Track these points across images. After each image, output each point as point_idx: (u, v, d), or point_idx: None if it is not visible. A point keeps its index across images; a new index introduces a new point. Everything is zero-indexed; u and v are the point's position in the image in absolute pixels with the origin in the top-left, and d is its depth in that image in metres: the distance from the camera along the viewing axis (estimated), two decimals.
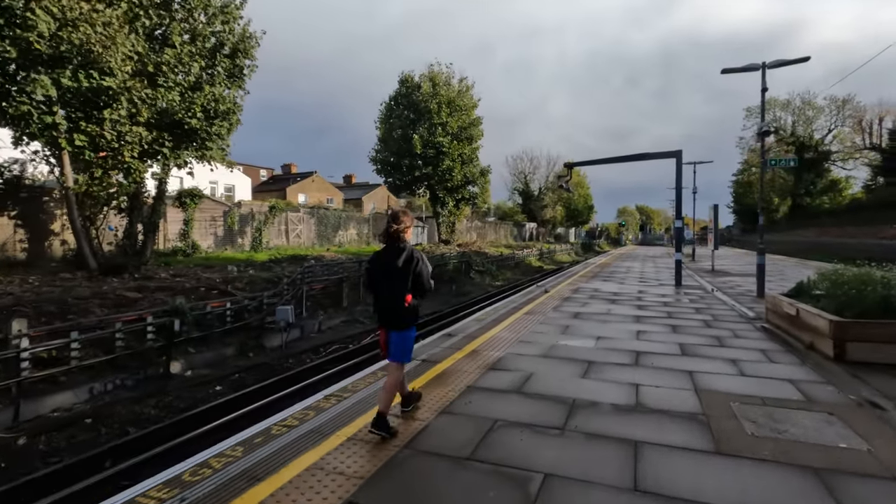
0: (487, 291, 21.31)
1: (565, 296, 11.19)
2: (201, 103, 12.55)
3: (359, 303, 14.88)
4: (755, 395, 4.32)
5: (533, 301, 10.33)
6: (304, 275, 12.59)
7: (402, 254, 3.50)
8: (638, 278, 15.86)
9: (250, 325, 10.58)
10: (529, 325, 7.58)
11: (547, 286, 12.83)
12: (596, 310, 9.17)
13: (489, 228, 49.69)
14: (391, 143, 29.87)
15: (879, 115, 46.17)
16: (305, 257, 17.77)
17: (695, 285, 13.67)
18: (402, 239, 3.56)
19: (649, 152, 13.53)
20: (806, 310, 6.13)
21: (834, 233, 45.08)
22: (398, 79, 30.41)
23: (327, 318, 13.09)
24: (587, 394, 4.36)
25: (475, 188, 32.96)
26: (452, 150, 29.34)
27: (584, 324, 7.76)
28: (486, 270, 25.83)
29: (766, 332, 7.16)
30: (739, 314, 8.75)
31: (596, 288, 12.89)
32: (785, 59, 10.46)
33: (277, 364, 9.64)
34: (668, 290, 12.56)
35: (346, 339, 11.99)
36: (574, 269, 20.25)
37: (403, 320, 3.54)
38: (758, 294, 10.94)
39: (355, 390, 4.54)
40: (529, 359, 5.61)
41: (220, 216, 20.25)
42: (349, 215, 28.52)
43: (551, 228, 70.07)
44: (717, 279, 15.45)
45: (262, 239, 20.70)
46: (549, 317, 8.36)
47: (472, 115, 31.26)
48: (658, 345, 6.30)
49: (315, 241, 25.27)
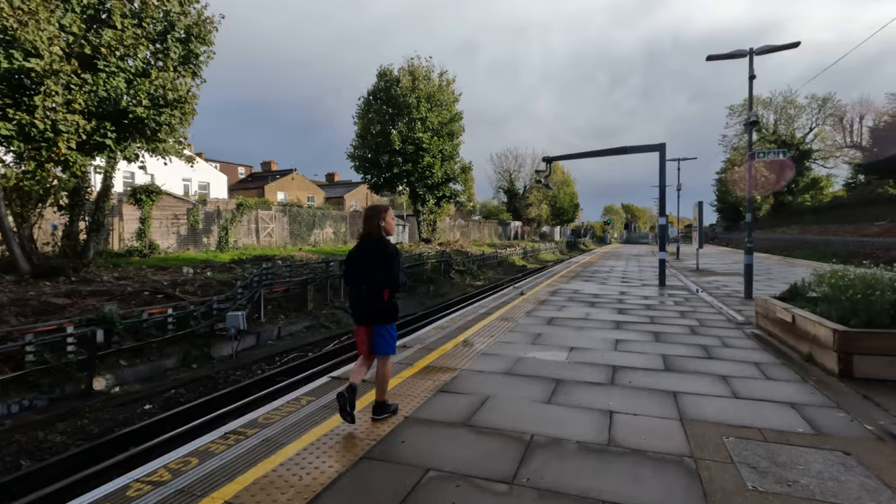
0: (466, 292, 20.49)
1: (542, 298, 10.41)
2: (147, 90, 11.50)
3: (325, 306, 13.94)
4: (752, 425, 3.55)
5: (506, 305, 9.52)
6: (261, 277, 11.62)
7: (378, 248, 3.51)
8: (620, 278, 15.18)
9: (197, 333, 9.60)
10: (497, 334, 6.77)
11: (523, 288, 12.05)
12: (573, 314, 8.40)
13: (473, 227, 48.94)
14: (369, 139, 28.88)
15: (860, 113, 46.47)
16: (272, 257, 16.76)
17: (679, 286, 13.02)
18: (380, 233, 3.56)
19: (631, 146, 12.84)
20: (804, 316, 5.41)
21: (816, 230, 45.22)
22: (376, 72, 29.43)
23: (288, 323, 12.13)
24: (550, 426, 3.55)
25: (457, 185, 32.13)
26: (433, 147, 28.46)
27: (559, 331, 6.97)
28: (466, 270, 25.03)
29: (758, 339, 6.43)
30: (727, 318, 8.05)
31: (576, 289, 12.15)
32: (773, 45, 9.80)
33: (223, 376, 8.69)
34: (652, 290, 11.86)
35: (307, 346, 11.06)
36: (556, 269, 19.55)
37: (383, 315, 3.53)
38: (745, 295, 10.28)
39: (266, 423, 3.66)
40: (489, 377, 4.78)
41: (184, 214, 19.12)
42: (325, 213, 27.48)
43: (536, 227, 69.62)
44: (702, 279, 14.84)
45: (229, 238, 19.61)
46: (520, 323, 7.55)
47: (452, 111, 30.41)
48: (638, 357, 5.52)
49: (288, 241, 24.22)
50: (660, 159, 12.40)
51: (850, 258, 30.33)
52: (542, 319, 7.90)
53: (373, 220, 3.56)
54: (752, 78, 9.92)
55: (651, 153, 12.77)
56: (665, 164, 12.37)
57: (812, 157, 58.89)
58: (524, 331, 7.01)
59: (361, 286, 3.50)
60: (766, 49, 9.79)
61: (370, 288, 3.47)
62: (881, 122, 41.37)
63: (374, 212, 3.60)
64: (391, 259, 3.49)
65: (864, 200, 43.47)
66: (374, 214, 3.58)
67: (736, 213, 78.66)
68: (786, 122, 60.62)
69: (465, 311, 8.78)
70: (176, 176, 38.47)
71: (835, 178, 57.20)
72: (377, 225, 3.56)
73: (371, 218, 3.58)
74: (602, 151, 13.25)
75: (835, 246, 35.07)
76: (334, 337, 11.94)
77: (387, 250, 3.51)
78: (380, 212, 3.60)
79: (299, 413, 3.86)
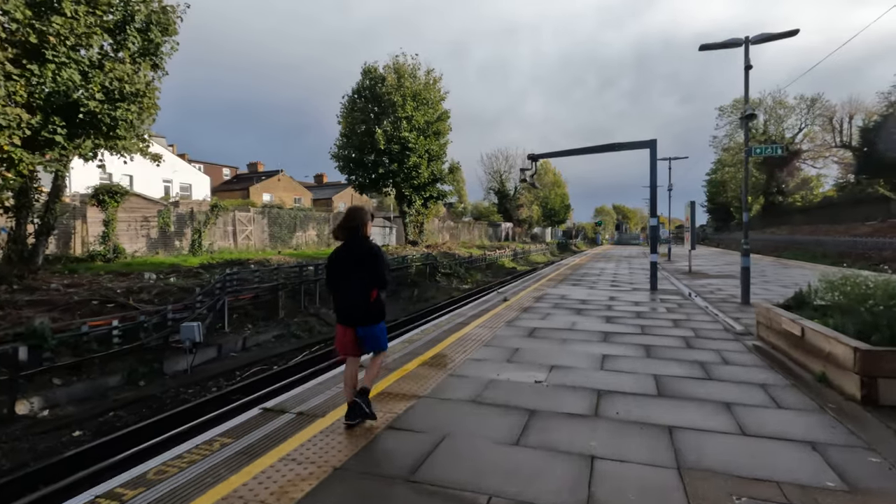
0: (452, 296, 19.75)
1: (525, 305, 9.68)
2: (101, 83, 10.63)
3: (298, 313, 13.12)
4: (768, 477, 2.82)
5: (486, 313, 8.78)
6: (224, 283, 10.78)
7: (361, 249, 3.50)
8: (610, 282, 14.51)
9: (147, 347, 8.76)
10: (471, 349, 6.02)
11: (507, 294, 11.31)
12: (557, 324, 7.67)
13: (463, 229, 48.22)
14: (354, 138, 28.04)
15: (849, 112, 46.36)
16: (246, 262, 15.91)
17: (672, 289, 12.36)
18: (362, 235, 3.55)
19: (621, 142, 12.17)
20: (816, 330, 4.71)
21: (806, 230, 45.06)
22: (361, 70, 28.62)
23: (255, 332, 11.30)
24: (514, 480, 2.80)
25: (445, 186, 31.37)
26: (419, 146, 27.68)
27: (539, 346, 6.23)
28: (453, 273, 24.28)
29: (761, 354, 5.74)
30: (725, 327, 7.37)
31: (563, 294, 11.44)
32: (770, 34, 9.17)
33: (172, 395, 7.86)
34: (643, 296, 11.18)
35: (274, 358, 10.25)
36: (544, 272, 18.86)
37: (371, 316, 3.50)
38: (742, 301, 9.63)
39: (158, 479, 2.87)
40: (452, 408, 4.03)
41: (154, 216, 18.20)
42: (307, 215, 26.60)
43: (528, 228, 69.10)
44: (694, 282, 14.21)
45: (202, 241, 18.70)
46: (498, 336, 6.81)
47: (439, 109, 29.67)
48: (628, 378, 4.80)
49: (268, 244, 23.32)
50: (650, 156, 11.75)
51: (841, 258, 30.02)
52: (522, 331, 7.16)
53: (355, 221, 3.55)
54: (748, 68, 9.28)
55: (641, 151, 12.12)
56: (656, 161, 11.72)
57: (802, 157, 58.87)
58: (501, 345, 6.26)
59: (347, 288, 3.49)
60: (763, 38, 9.16)
61: (356, 289, 3.46)
62: (871, 121, 41.21)
63: (357, 213, 3.59)
64: (376, 259, 3.49)
65: (854, 200, 43.38)
66: (357, 216, 3.57)
67: (726, 213, 78.80)
68: (775, 122, 60.57)
69: (441, 321, 8.02)
70: (156, 177, 37.51)
71: (825, 178, 57.22)
72: (360, 226, 3.54)
73: (353, 219, 3.56)
74: (591, 149, 12.58)
75: (826, 246, 34.79)
76: (305, 347, 11.14)
77: (371, 251, 3.51)
78: (362, 213, 3.60)
79: (205, 462, 3.08)
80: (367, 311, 3.48)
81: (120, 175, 35.06)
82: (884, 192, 39.57)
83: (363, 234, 3.57)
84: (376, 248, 3.57)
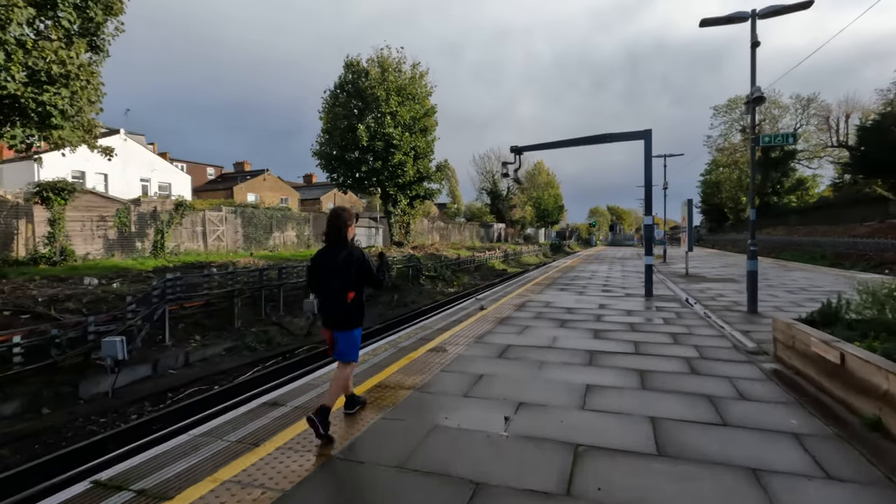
0: (435, 300, 18.55)
1: (504, 315, 8.50)
2: (22, 62, 9.36)
3: (258, 322, 11.88)
4: None
5: (458, 325, 7.60)
6: (164, 290, 9.52)
7: (342, 251, 3.47)
8: (602, 286, 13.37)
9: (60, 366, 7.49)
10: (423, 377, 4.83)
11: (486, 301, 10.12)
12: (536, 340, 6.49)
13: (453, 229, 47.03)
14: (336, 134, 26.79)
15: (846, 112, 45.63)
16: (209, 264, 14.65)
17: (668, 295, 11.22)
18: (343, 236, 3.52)
19: (614, 133, 11.02)
20: (864, 359, 3.56)
21: (803, 231, 44.25)
22: (344, 63, 27.38)
23: (202, 345, 10.06)
24: None
25: (433, 184, 30.13)
26: (404, 143, 26.46)
27: (510, 371, 5.05)
28: (438, 276, 23.08)
29: (783, 382, 4.59)
30: (733, 344, 6.21)
31: (548, 301, 10.27)
32: (780, 5, 8.07)
33: (78, 426, 6.61)
34: (637, 303, 10.04)
35: (219, 375, 9.02)
36: (532, 275, 17.70)
37: (347, 319, 3.46)
38: (749, 309, 8.50)
39: None
40: (367, 475, 2.84)
41: (113, 216, 16.88)
42: (286, 214, 25.29)
43: (520, 229, 68.06)
44: (692, 286, 13.09)
45: (165, 243, 17.39)
46: (462, 357, 5.62)
47: (426, 105, 28.48)
48: (616, 423, 3.63)
49: (242, 245, 22.02)
50: (645, 148, 10.63)
51: (840, 259, 29.11)
52: (493, 349, 5.98)
53: (337, 222, 3.52)
54: (755, 45, 8.16)
55: (637, 151, 10.99)
56: (651, 154, 10.59)
57: (797, 157, 58.17)
58: (463, 370, 5.07)
59: (325, 290, 3.48)
60: (772, 10, 8.04)
61: (334, 291, 3.44)
62: (868, 120, 40.40)
63: (339, 214, 3.55)
64: (356, 262, 3.44)
65: (851, 200, 42.61)
66: (340, 218, 3.53)
67: (721, 214, 78.17)
68: (770, 122, 59.88)
69: (400, 336, 6.83)
70: (133, 176, 36.17)
71: (820, 178, 56.58)
72: (343, 228, 3.52)
73: (336, 220, 3.52)
74: (580, 140, 11.44)
75: (824, 247, 33.89)
76: (259, 361, 9.91)
77: (351, 254, 3.47)
78: (345, 215, 3.56)
79: None
80: (343, 314, 3.44)
81: (93, 173, 33.77)
82: (881, 192, 38.77)
83: (345, 236, 3.52)
84: (357, 251, 3.50)
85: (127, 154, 36.57)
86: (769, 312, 8.42)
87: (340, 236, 3.51)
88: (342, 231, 3.51)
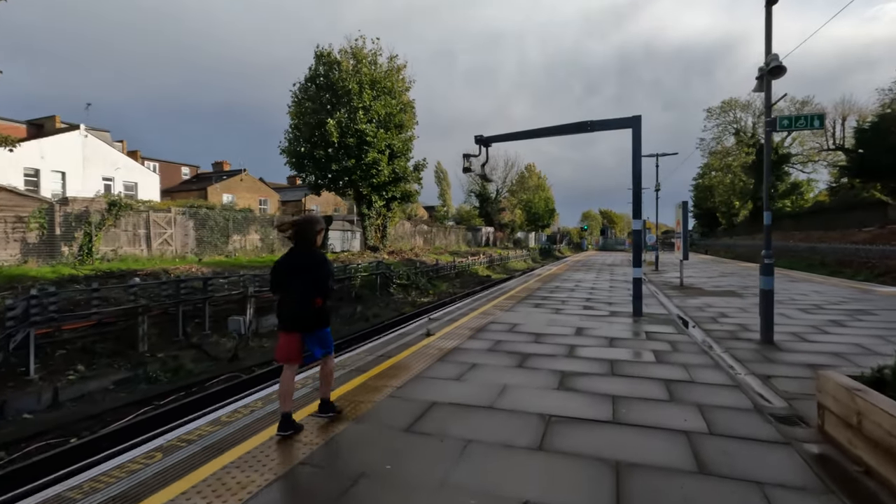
0: (402, 313, 16.67)
1: (451, 345, 6.62)
2: None
3: (172, 344, 9.92)
4: None
5: (387, 360, 5.72)
6: (29, 308, 7.55)
7: (310, 257, 3.62)
8: (584, 300, 11.55)
9: None
10: (271, 464, 2.94)
11: (434, 325, 8.19)
12: (476, 393, 4.62)
13: (438, 233, 45.14)
14: (305, 130, 24.89)
15: (842, 114, 44.35)
16: (135, 273, 12.65)
17: (661, 315, 9.40)
18: (311, 241, 3.67)
19: (596, 121, 9.22)
20: None
21: (799, 237, 42.87)
22: (314, 53, 25.46)
23: (85, 378, 8.09)
24: None
25: (410, 185, 28.23)
26: (378, 140, 24.59)
27: (413, 463, 3.17)
28: (412, 284, 21.19)
29: (845, 487, 2.75)
30: (753, 403, 4.35)
31: (515, 323, 8.42)
32: None
33: None
34: (623, 327, 8.20)
35: (89, 420, 7.05)
36: (509, 285, 15.86)
37: (315, 322, 3.61)
38: (763, 338, 6.69)
39: None
40: None
41: (36, 216, 14.84)
42: (247, 216, 23.26)
43: (510, 233, 66.34)
44: (689, 301, 11.30)
45: (93, 247, 15.34)
46: (358, 427, 3.74)
47: (404, 100, 26.66)
48: None
49: (195, 249, 20.01)
50: (633, 139, 8.84)
51: (841, 267, 27.59)
52: (411, 408, 4.10)
53: (305, 230, 3.65)
54: (770, 2, 6.39)
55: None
56: (640, 145, 8.80)
57: (791, 161, 57.00)
58: (335, 466, 3.19)
59: (292, 294, 3.56)
60: None
61: (302, 296, 3.53)
62: (866, 122, 39.13)
63: (309, 219, 3.71)
64: (319, 268, 3.59)
65: (847, 205, 41.29)
66: (307, 224, 3.68)
67: (713, 219, 77.06)
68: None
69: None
70: (94, 174, 33.92)
71: (815, 182, 55.39)
72: (310, 234, 3.66)
73: (303, 227, 3.66)
74: (558, 128, 9.61)
75: (823, 253, 32.41)
76: (155, 398, 7.95)
77: (316, 258, 3.62)
78: (313, 222, 3.72)
79: None
80: (311, 317, 3.55)
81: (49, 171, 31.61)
82: (880, 196, 37.43)
83: (313, 240, 3.66)
84: (322, 257, 3.67)
85: (88, 151, 34.34)
86: (787, 343, 6.62)
87: (308, 241, 3.63)
88: (309, 235, 3.64)
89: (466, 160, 9.60)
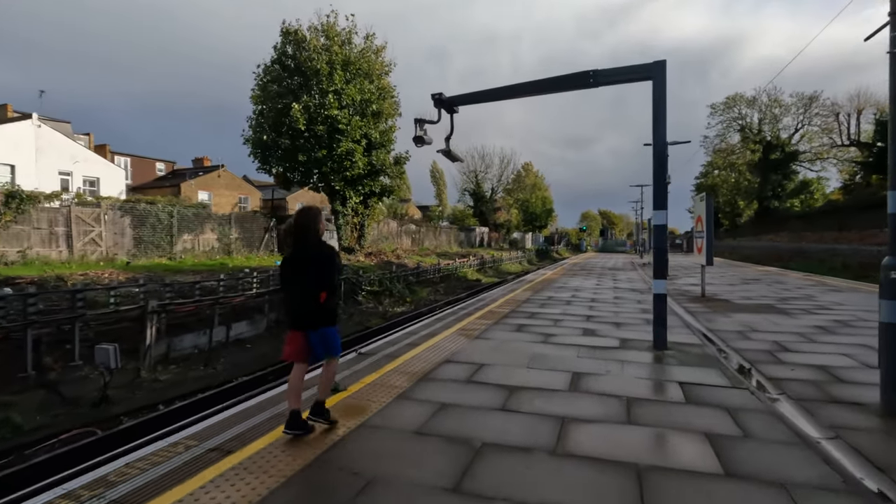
0: (367, 327, 13.95)
1: (355, 423, 3.88)
2: None
3: (16, 381, 7.16)
4: None
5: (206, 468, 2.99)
6: None
7: (316, 250, 3.47)
8: (583, 319, 8.81)
9: None
10: None
11: (350, 373, 5.45)
12: None
13: (427, 233, 42.36)
14: (270, 117, 22.18)
15: (857, 107, 41.73)
16: (8, 281, 9.90)
17: (693, 347, 6.67)
18: (315, 232, 3.50)
19: (601, 69, 6.49)
20: None
21: (811, 238, 40.21)
22: (280, 30, 22.72)
23: None
24: None
25: (391, 180, 25.50)
26: (352, 129, 21.87)
27: None
28: (385, 290, 18.44)
29: None
30: None
31: (479, 364, 5.68)
32: None
33: None
34: (642, 369, 5.47)
35: None
36: (493, 294, 13.10)
37: (319, 319, 3.44)
38: (887, 405, 3.96)
39: None
40: None
41: None
42: (199, 213, 20.44)
43: (506, 234, 63.62)
44: (720, 320, 8.57)
45: None
46: None
47: (382, 84, 23.94)
48: None
49: (132, 250, 17.23)
50: (654, 94, 6.13)
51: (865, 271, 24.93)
52: None
53: (305, 222, 3.49)
54: None
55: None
56: (664, 100, 6.10)
57: (798, 158, 54.40)
58: None
59: (296, 291, 3.44)
60: None
61: (306, 292, 3.40)
62: (884, 114, 36.55)
63: (310, 214, 3.54)
64: (328, 259, 3.46)
65: (864, 204, 38.61)
66: (305, 215, 3.53)
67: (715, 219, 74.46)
68: (771, 121, 56.15)
69: None
70: (49, 168, 31.01)
71: (826, 181, 52.76)
72: (312, 225, 3.50)
73: (306, 219, 3.50)
74: (553, 82, 6.90)
75: (844, 256, 29.74)
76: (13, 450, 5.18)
77: (323, 251, 3.49)
78: (311, 213, 3.56)
79: None
80: (317, 314, 3.40)
81: None
82: None
83: (316, 232, 3.51)
84: (329, 249, 3.54)
85: (42, 143, 31.42)
86: None
87: (310, 235, 3.48)
88: (311, 226, 3.48)
89: (419, 126, 6.84)
